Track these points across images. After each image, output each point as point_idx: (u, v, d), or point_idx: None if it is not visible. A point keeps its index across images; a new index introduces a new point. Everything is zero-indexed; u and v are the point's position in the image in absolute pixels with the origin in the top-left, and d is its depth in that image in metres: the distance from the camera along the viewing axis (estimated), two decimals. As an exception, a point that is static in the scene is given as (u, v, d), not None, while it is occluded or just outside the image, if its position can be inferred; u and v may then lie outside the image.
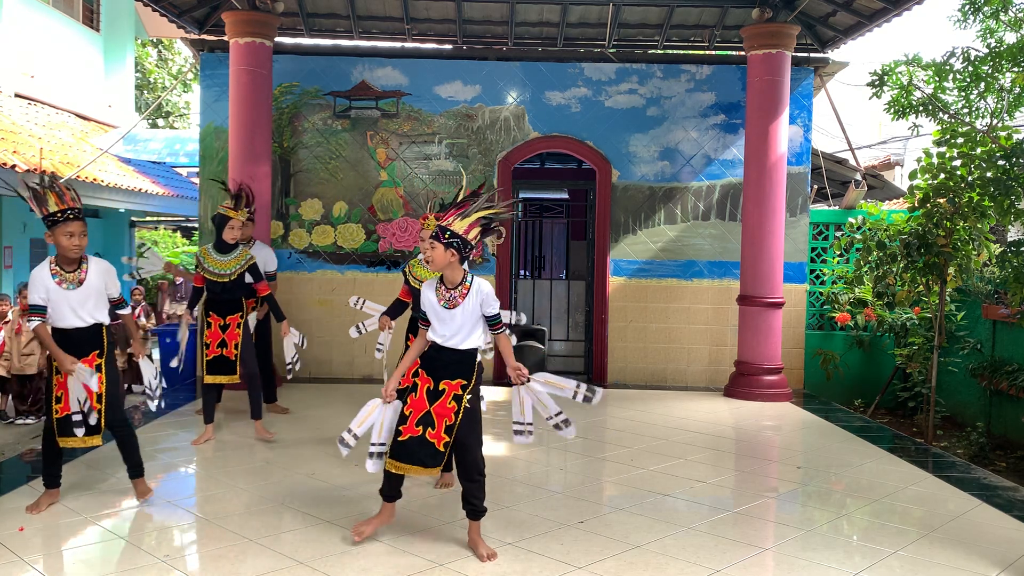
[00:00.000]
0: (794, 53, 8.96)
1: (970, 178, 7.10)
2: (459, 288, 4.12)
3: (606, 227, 9.69)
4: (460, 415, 4.11)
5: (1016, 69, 6.78)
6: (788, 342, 9.35)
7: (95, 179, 11.65)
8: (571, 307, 10.45)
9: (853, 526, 4.84)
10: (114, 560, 4.06)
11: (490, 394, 8.86)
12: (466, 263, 4.27)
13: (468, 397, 4.15)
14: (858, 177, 10.02)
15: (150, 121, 21.21)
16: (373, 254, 9.64)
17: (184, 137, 18.30)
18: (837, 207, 10.09)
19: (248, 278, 6.36)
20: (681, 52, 10.29)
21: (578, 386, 4.24)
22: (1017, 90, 6.97)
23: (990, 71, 6.90)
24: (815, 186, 10.36)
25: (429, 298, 4.17)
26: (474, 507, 4.18)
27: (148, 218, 16.72)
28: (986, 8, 6.85)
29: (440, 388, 4.15)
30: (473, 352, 4.20)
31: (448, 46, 10.20)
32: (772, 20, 8.66)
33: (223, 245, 6.23)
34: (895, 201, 11.28)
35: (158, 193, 13.70)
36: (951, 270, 7.56)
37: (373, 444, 4.27)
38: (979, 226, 7.26)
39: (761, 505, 5.19)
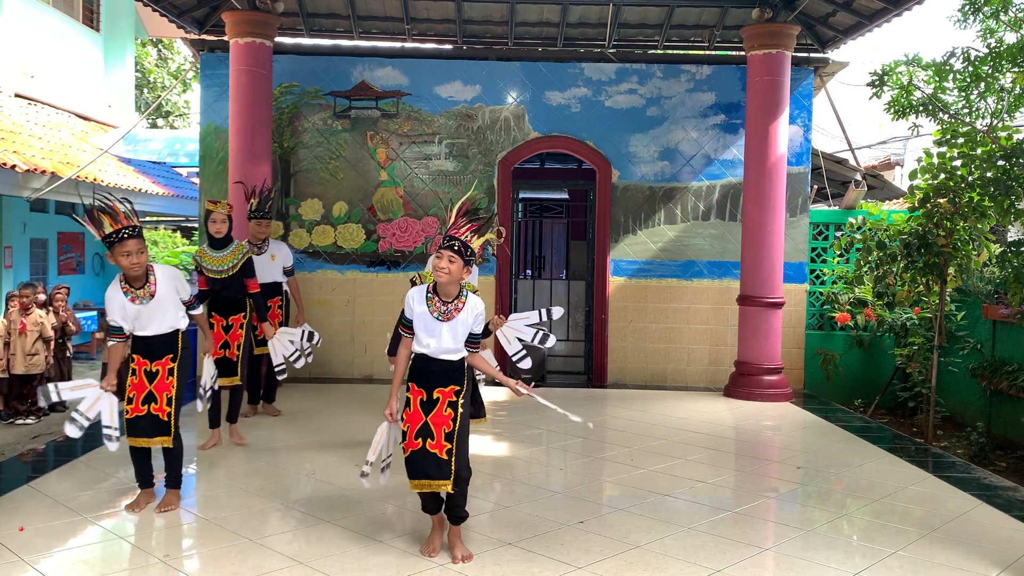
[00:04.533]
0: (794, 53, 8.96)
1: (970, 178, 7.10)
2: (455, 302, 4.10)
3: (606, 227, 9.69)
4: (458, 420, 4.09)
5: (1016, 69, 6.78)
6: (788, 342, 9.35)
7: (95, 179, 11.65)
8: (571, 307, 10.45)
9: (853, 526, 4.84)
10: (114, 560, 4.06)
11: (490, 394, 8.86)
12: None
13: (463, 402, 4.13)
14: (858, 177, 10.02)
15: (150, 121, 21.22)
16: (373, 254, 9.64)
17: (184, 137, 18.30)
18: (837, 207, 10.10)
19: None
20: (681, 52, 10.29)
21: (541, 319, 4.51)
22: (1017, 90, 6.97)
23: (990, 71, 6.90)
24: (815, 186, 10.36)
25: (418, 309, 4.13)
26: (456, 513, 4.14)
27: (148, 218, 16.71)
28: (986, 8, 6.85)
29: (434, 397, 4.10)
30: (463, 360, 4.19)
31: (448, 46, 10.20)
32: (772, 20, 8.66)
33: (215, 241, 6.20)
34: (895, 201, 11.28)
35: (158, 193, 13.69)
36: (951, 270, 7.56)
37: (383, 460, 4.36)
38: (979, 226, 7.26)
39: (761, 505, 5.19)
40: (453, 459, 4.02)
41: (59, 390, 4.74)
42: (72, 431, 4.69)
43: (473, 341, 4.16)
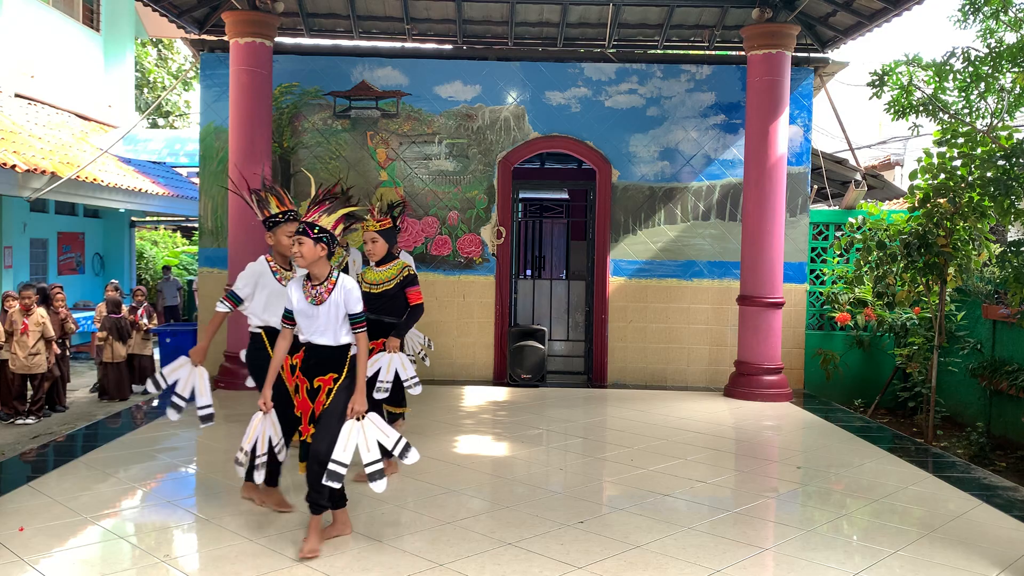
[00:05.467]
0: (794, 53, 8.96)
1: (970, 178, 7.09)
2: (324, 284, 4.14)
3: (606, 227, 9.69)
4: (327, 406, 4.15)
5: (1016, 69, 6.77)
6: (788, 342, 9.35)
7: (95, 179, 11.65)
8: (571, 307, 10.45)
9: (853, 526, 4.84)
10: (114, 560, 4.06)
11: (490, 394, 8.87)
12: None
13: (336, 388, 4.17)
14: (858, 177, 10.02)
15: (150, 121, 21.21)
16: (373, 254, 9.61)
17: (184, 137, 18.32)
18: (837, 207, 10.09)
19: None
20: (681, 52, 10.29)
21: (399, 440, 4.17)
22: (1017, 90, 6.96)
23: (990, 71, 6.89)
24: (815, 186, 10.36)
25: (294, 296, 4.18)
26: (313, 500, 4.14)
27: (148, 218, 16.72)
28: (986, 8, 6.84)
29: (316, 386, 4.20)
30: (346, 348, 4.22)
31: (448, 46, 10.20)
32: (772, 20, 8.66)
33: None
34: (895, 201, 11.27)
35: (158, 193, 13.70)
36: (951, 270, 7.56)
37: (258, 456, 4.35)
38: (979, 226, 7.26)
39: (761, 505, 5.18)
40: (312, 442, 4.12)
41: (165, 377, 4.80)
42: (173, 415, 4.76)
43: (357, 322, 4.17)
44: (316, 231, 4.10)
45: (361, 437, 4.09)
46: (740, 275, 9.03)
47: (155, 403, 8.09)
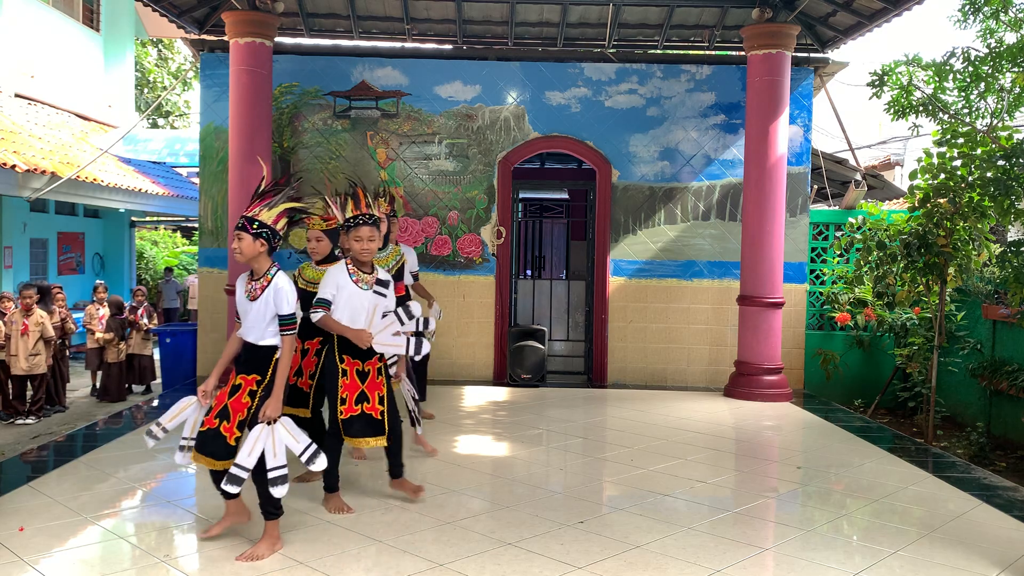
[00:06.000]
0: (794, 53, 8.96)
1: (970, 178, 7.09)
2: (261, 280, 4.10)
3: (606, 227, 9.69)
4: (252, 411, 4.09)
5: (1016, 69, 6.78)
6: (788, 342, 9.35)
7: (95, 179, 11.66)
8: (571, 307, 10.45)
9: (853, 526, 4.84)
10: (114, 560, 4.06)
11: (490, 394, 8.86)
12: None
13: (262, 393, 4.11)
14: (858, 177, 10.01)
15: (150, 121, 21.21)
16: (373, 254, 9.62)
17: (184, 137, 18.33)
18: (837, 207, 10.09)
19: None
20: (681, 52, 10.28)
21: (309, 446, 4.11)
22: (1017, 90, 6.96)
23: (990, 71, 6.89)
24: (815, 186, 10.36)
25: (238, 293, 4.16)
26: (260, 503, 4.14)
27: (148, 218, 16.73)
28: (986, 8, 6.84)
29: (237, 383, 4.14)
30: (272, 349, 4.14)
31: (448, 46, 10.20)
32: (772, 20, 8.66)
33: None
34: (895, 201, 11.27)
35: (158, 193, 13.70)
36: (951, 270, 7.56)
37: (183, 438, 4.28)
38: (979, 226, 7.26)
39: (761, 505, 5.18)
40: (238, 444, 4.06)
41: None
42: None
43: (284, 324, 4.10)
44: (255, 226, 4.06)
45: (270, 441, 4.01)
46: (740, 275, 9.03)
47: (155, 403, 8.09)
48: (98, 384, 9.96)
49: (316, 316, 4.62)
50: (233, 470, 3.99)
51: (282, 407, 4.18)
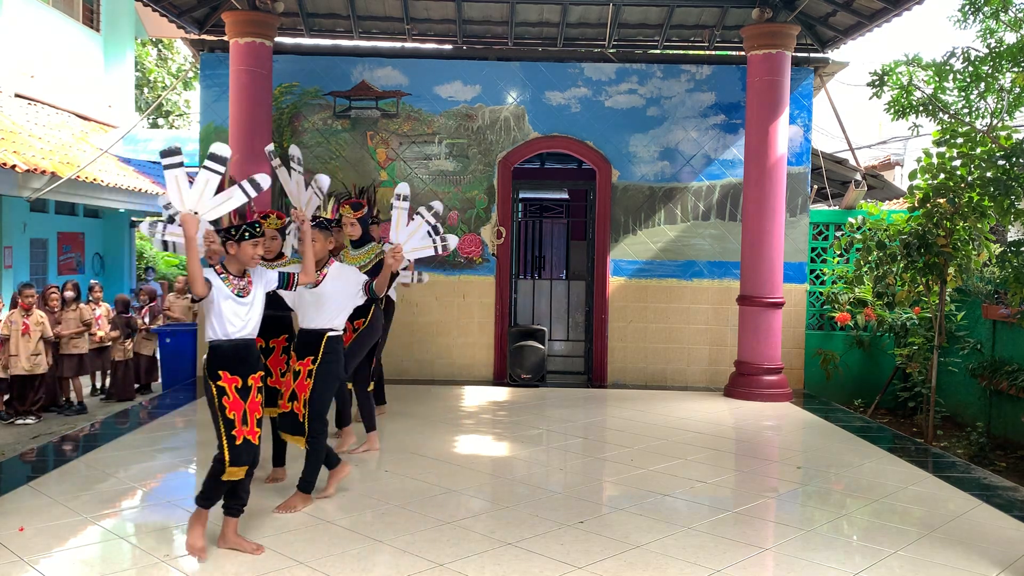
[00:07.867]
0: (794, 53, 8.96)
1: (970, 178, 7.09)
2: (246, 277, 4.25)
3: (606, 227, 9.69)
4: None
5: (1016, 69, 6.78)
6: (788, 342, 9.35)
7: (95, 179, 11.66)
8: (571, 307, 10.44)
9: (853, 526, 4.84)
10: (114, 560, 4.06)
11: (490, 394, 8.86)
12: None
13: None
14: (858, 177, 10.01)
15: (150, 121, 21.21)
16: (373, 254, 9.61)
17: (184, 137, 18.28)
18: (837, 207, 10.09)
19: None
20: (681, 52, 10.28)
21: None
22: (1017, 90, 6.96)
23: (990, 71, 6.90)
24: (815, 186, 10.36)
25: (222, 291, 4.13)
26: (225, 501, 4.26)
27: (148, 218, 16.69)
28: (986, 8, 6.84)
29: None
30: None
31: (448, 46, 10.20)
32: (772, 20, 8.66)
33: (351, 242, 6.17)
34: (895, 201, 11.27)
35: (158, 193, 13.68)
36: (951, 270, 7.56)
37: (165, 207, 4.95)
38: (979, 226, 7.26)
39: (761, 505, 5.19)
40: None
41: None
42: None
43: (286, 282, 4.43)
44: (226, 230, 4.21)
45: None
46: (740, 275, 9.03)
47: (155, 403, 8.08)
48: (98, 384, 9.95)
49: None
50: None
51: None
